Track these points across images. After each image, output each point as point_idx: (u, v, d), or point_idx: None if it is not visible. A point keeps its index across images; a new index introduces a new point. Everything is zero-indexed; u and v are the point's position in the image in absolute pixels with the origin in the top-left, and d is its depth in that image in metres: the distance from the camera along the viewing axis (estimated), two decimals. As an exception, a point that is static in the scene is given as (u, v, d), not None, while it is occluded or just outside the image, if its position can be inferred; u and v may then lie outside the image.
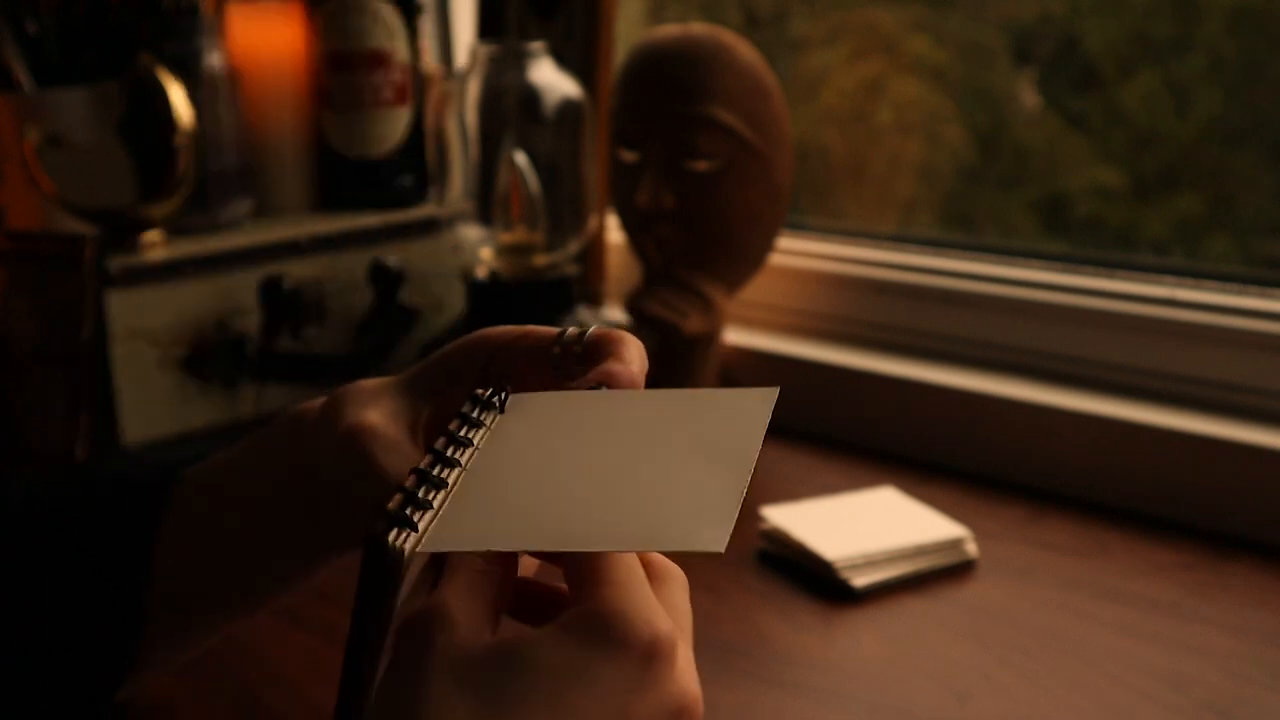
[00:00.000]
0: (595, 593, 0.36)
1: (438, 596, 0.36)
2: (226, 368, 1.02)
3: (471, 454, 0.41)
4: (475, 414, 0.43)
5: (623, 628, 0.35)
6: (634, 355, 0.45)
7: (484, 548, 0.37)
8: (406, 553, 0.36)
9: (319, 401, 0.49)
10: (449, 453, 0.41)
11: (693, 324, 1.06)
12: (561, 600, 0.40)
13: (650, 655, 0.35)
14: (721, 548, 0.38)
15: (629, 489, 0.40)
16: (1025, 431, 0.95)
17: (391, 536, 0.36)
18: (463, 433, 0.42)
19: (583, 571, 0.37)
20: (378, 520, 0.37)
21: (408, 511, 0.38)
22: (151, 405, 0.99)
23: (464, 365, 0.46)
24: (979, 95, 1.21)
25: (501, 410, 0.43)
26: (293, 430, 0.49)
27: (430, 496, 0.38)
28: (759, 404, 0.43)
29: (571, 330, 0.46)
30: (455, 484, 0.40)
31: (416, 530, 0.37)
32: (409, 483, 0.39)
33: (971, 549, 0.82)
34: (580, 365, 0.45)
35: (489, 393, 0.44)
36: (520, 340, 0.46)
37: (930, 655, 0.71)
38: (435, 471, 0.40)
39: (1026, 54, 1.16)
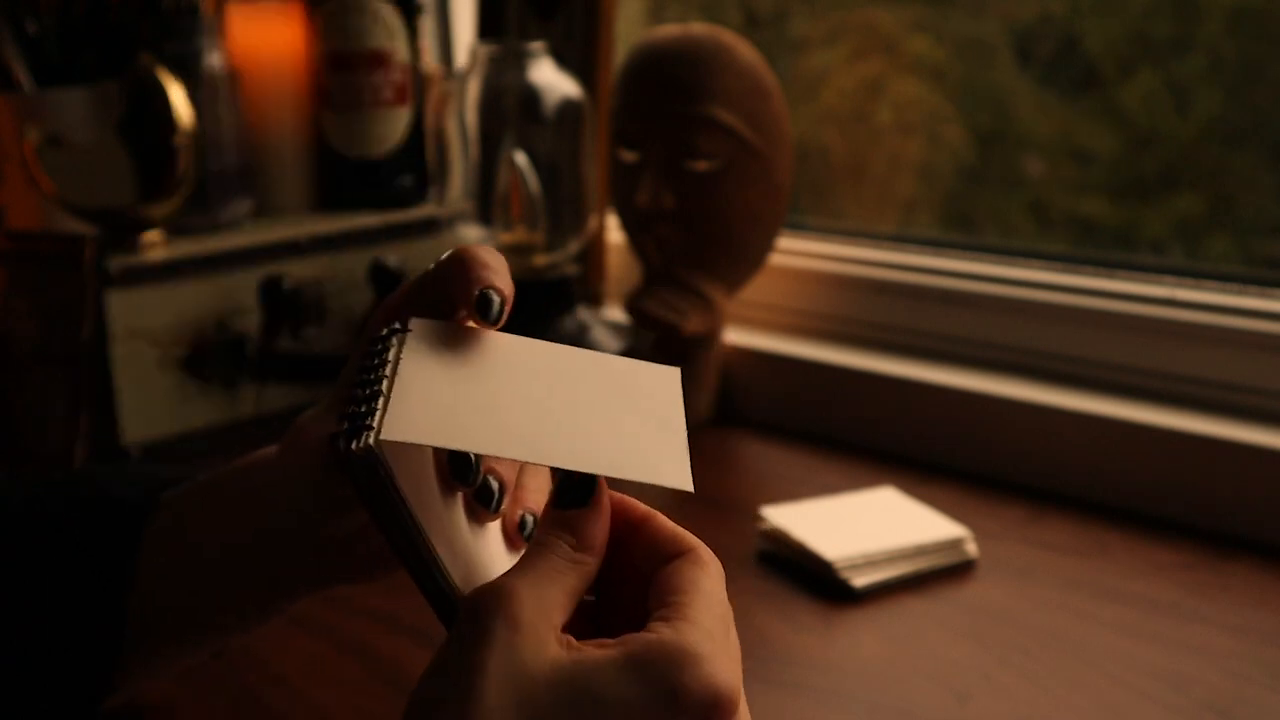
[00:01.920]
0: (674, 625, 0.36)
1: (505, 580, 0.35)
2: (226, 368, 1.02)
3: (394, 365, 0.40)
4: (378, 347, 0.41)
5: (691, 678, 0.35)
6: (483, 276, 0.42)
7: (446, 444, 0.37)
8: (373, 446, 0.36)
9: (267, 454, 0.48)
10: (370, 376, 0.40)
11: (693, 324, 1.06)
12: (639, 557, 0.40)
13: (711, 707, 0.35)
14: (690, 485, 0.38)
15: (576, 420, 0.40)
16: (1025, 431, 0.95)
17: (354, 446, 0.36)
18: (374, 361, 0.40)
19: (668, 593, 0.37)
20: (336, 445, 0.37)
21: (359, 423, 0.37)
22: (151, 405, 0.99)
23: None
24: (979, 95, 1.21)
25: (405, 329, 0.41)
26: (250, 493, 0.47)
27: (372, 403, 0.38)
28: (668, 379, 0.44)
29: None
30: (391, 386, 0.38)
31: (373, 428, 0.37)
32: (349, 410, 0.38)
33: (971, 549, 0.82)
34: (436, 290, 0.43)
35: (386, 331, 0.42)
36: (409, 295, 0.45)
37: (930, 655, 0.71)
38: (365, 390, 0.39)
39: (1026, 54, 1.16)
